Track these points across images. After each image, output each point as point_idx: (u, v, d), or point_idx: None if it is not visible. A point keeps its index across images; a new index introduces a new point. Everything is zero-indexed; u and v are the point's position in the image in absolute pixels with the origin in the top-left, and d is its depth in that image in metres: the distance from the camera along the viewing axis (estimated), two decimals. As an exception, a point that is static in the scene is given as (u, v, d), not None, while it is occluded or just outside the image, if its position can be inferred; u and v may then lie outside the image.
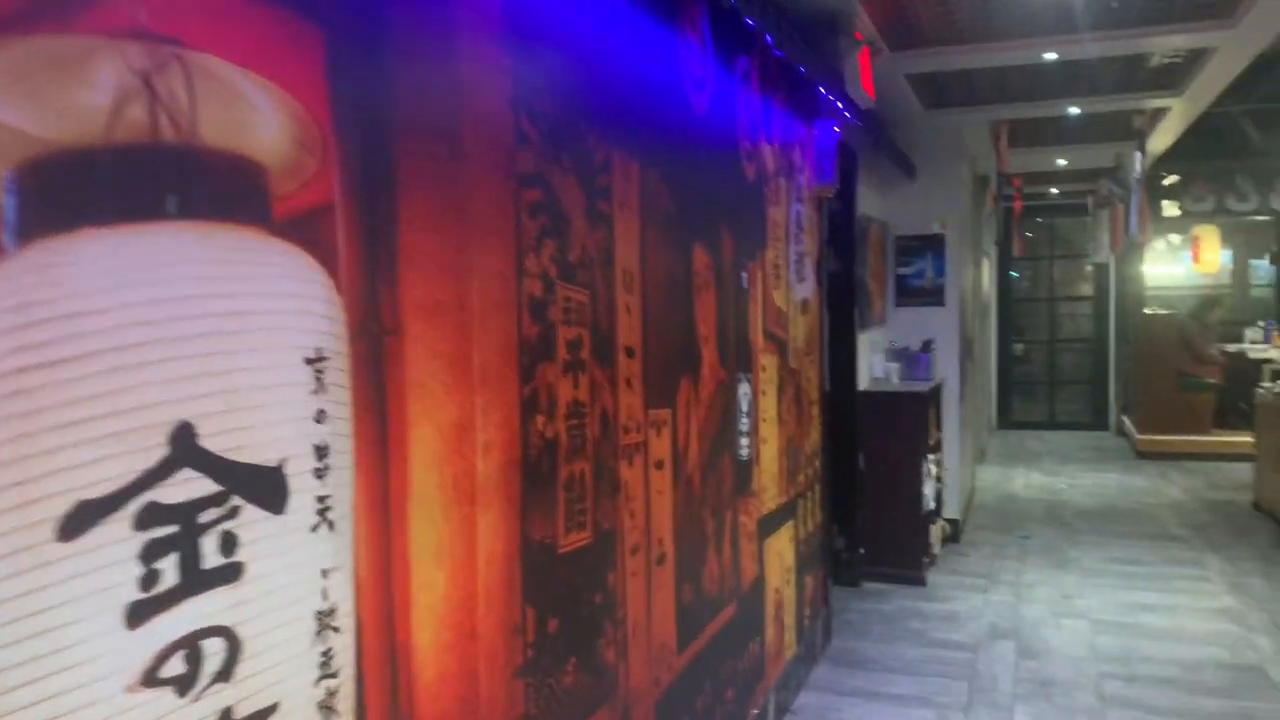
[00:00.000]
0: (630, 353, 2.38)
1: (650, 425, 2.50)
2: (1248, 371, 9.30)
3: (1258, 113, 8.16)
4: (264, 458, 1.25)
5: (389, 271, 1.49)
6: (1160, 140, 7.92)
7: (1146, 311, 9.86)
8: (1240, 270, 11.85)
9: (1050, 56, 4.68)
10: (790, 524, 3.97)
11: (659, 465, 2.56)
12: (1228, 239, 11.26)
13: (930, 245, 6.46)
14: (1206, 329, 9.63)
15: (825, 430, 4.60)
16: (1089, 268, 12.06)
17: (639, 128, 2.46)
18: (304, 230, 1.33)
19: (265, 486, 1.25)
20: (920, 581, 5.50)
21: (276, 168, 1.29)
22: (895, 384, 5.86)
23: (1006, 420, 11.73)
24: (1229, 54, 4.65)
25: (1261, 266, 12.49)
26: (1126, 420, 10.52)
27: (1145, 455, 9.43)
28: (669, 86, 2.68)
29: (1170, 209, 10.72)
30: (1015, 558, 6.08)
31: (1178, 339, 9.50)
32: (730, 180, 3.23)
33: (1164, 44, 4.48)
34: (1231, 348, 9.80)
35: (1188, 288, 12.23)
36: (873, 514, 5.55)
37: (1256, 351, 9.57)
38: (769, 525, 3.65)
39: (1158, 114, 6.27)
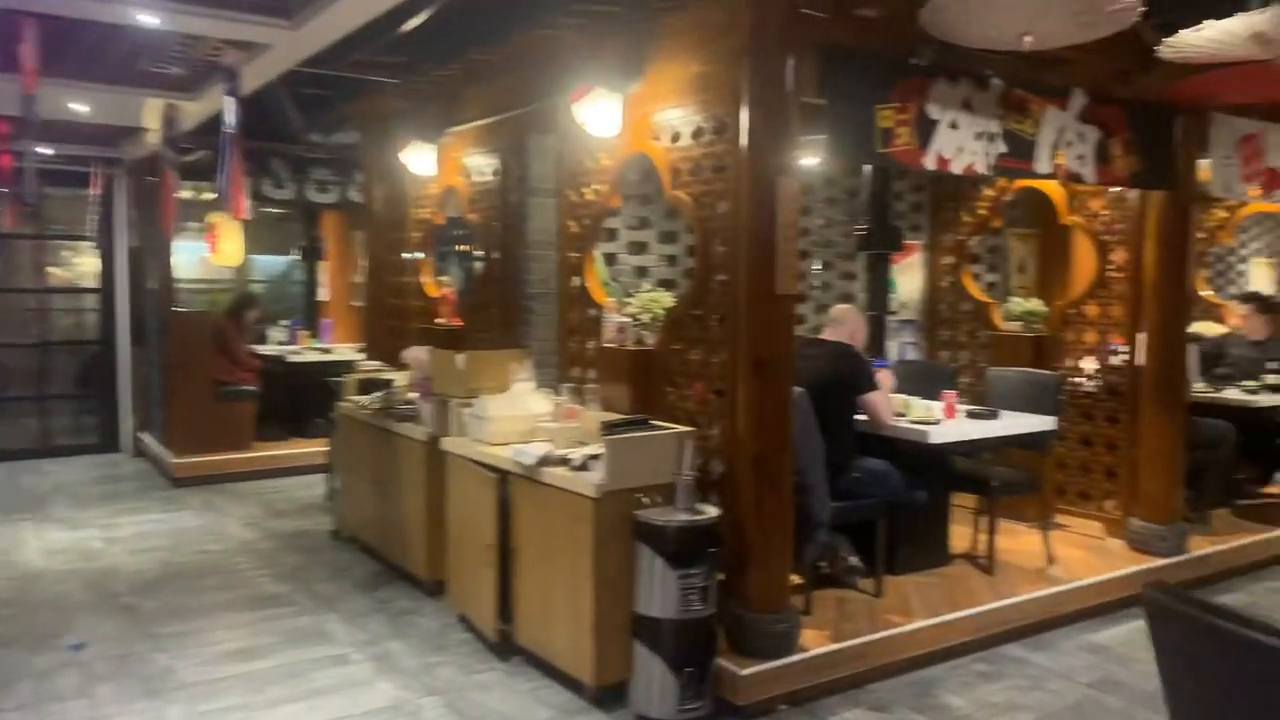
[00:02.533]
0: None
1: None
2: (284, 377, 8.50)
3: (303, 94, 7.29)
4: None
5: None
6: (206, 105, 6.44)
7: (179, 310, 8.22)
8: (244, 264, 11.08)
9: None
10: None
11: None
12: (247, 230, 10.36)
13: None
14: (244, 330, 8.52)
15: None
16: (70, 254, 9.87)
17: None
18: None
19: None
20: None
21: None
22: None
23: (-17, 451, 8.79)
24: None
25: (264, 261, 11.97)
26: (149, 439, 8.76)
27: (184, 482, 7.82)
28: None
29: (187, 191, 9.26)
30: (78, 692, 3.94)
31: (215, 342, 8.15)
32: None
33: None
34: (268, 350, 8.89)
35: (198, 281, 11.00)
36: None
37: (295, 356, 8.83)
38: None
39: (253, 53, 4.76)
